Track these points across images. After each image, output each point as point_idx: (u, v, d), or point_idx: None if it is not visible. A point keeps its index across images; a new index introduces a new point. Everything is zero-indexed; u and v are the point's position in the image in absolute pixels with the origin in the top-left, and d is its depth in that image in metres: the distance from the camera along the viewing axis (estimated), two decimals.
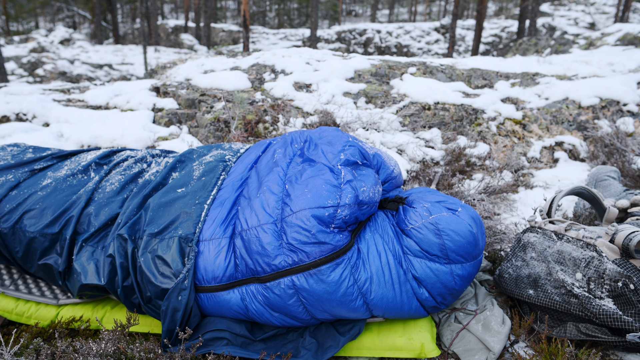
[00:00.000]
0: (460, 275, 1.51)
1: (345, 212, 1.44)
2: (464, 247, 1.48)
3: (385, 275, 1.46)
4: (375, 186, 1.57)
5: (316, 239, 1.40)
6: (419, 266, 1.49)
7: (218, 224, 1.60)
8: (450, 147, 3.56)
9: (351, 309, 1.46)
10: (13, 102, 3.87)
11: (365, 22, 32.40)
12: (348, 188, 1.47)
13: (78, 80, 14.53)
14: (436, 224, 1.49)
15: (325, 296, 1.42)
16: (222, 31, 26.17)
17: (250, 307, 1.51)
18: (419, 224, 1.51)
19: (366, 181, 1.55)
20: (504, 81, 4.84)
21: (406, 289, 1.48)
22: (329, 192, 1.45)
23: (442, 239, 1.47)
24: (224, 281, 1.52)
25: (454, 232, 1.47)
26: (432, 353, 1.50)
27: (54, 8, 32.96)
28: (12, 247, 1.70)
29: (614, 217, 1.90)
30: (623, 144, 3.49)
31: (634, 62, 5.51)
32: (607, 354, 1.49)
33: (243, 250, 1.50)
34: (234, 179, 1.79)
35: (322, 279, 1.41)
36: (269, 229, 1.47)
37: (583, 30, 18.03)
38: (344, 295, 1.42)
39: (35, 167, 1.94)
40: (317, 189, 1.47)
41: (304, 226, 1.42)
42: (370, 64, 5.23)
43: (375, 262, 1.46)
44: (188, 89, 4.50)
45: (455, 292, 1.54)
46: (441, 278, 1.49)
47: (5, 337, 1.66)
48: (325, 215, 1.42)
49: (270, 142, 1.97)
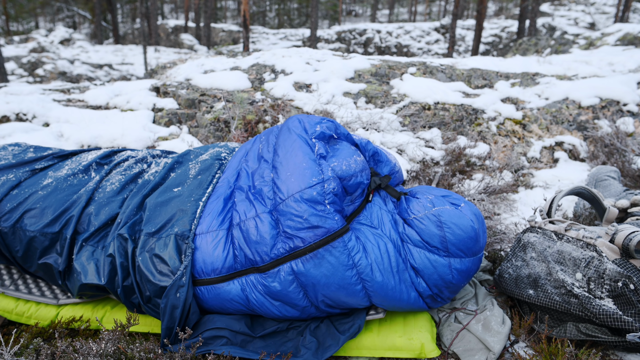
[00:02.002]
0: (458, 270, 1.51)
1: (333, 185, 1.47)
2: (464, 241, 1.49)
3: (385, 263, 1.47)
4: (351, 157, 1.59)
5: (309, 224, 1.42)
6: (417, 256, 1.51)
7: (214, 216, 1.62)
8: (450, 147, 3.56)
9: (350, 293, 1.47)
10: (13, 102, 3.87)
11: (365, 22, 32.39)
12: (323, 162, 1.51)
13: (78, 80, 14.53)
14: (438, 216, 1.51)
15: (324, 280, 1.44)
16: (222, 31, 26.17)
17: (251, 297, 1.52)
18: (422, 215, 1.53)
19: (338, 155, 1.58)
20: (504, 81, 4.84)
21: (404, 277, 1.50)
22: (311, 170, 1.48)
23: (444, 231, 1.49)
24: (224, 272, 1.53)
25: (455, 226, 1.49)
26: (432, 353, 1.50)
27: (54, 8, 32.95)
28: (13, 246, 1.70)
29: (614, 217, 1.90)
30: (623, 144, 3.49)
31: (634, 62, 5.52)
32: (607, 354, 1.49)
33: (242, 241, 1.52)
34: (229, 174, 1.82)
35: (319, 262, 1.43)
36: (266, 218, 1.50)
37: (583, 30, 18.03)
38: (343, 278, 1.44)
39: (36, 166, 1.94)
40: (299, 169, 1.49)
41: (295, 212, 1.44)
42: (370, 64, 5.23)
43: (374, 251, 1.47)
44: (188, 89, 4.50)
45: (453, 286, 1.54)
46: (439, 270, 1.50)
47: (5, 337, 1.66)
48: (314, 194, 1.44)
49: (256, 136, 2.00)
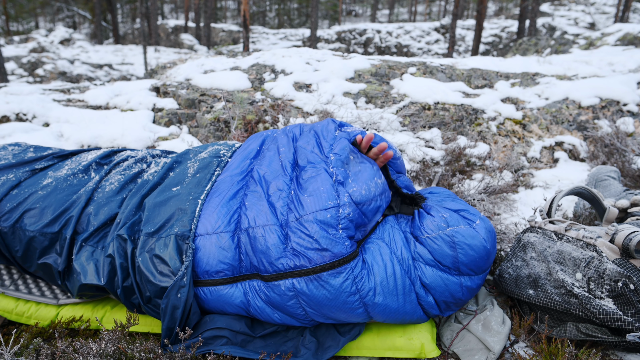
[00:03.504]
0: (468, 287, 1.52)
1: (348, 210, 1.43)
2: (475, 261, 1.48)
3: (390, 286, 1.44)
4: (371, 181, 1.54)
5: (319, 245, 1.39)
6: (430, 274, 1.49)
7: (220, 217, 1.58)
8: (450, 147, 3.56)
9: (351, 316, 1.46)
10: (13, 102, 3.87)
11: (365, 22, 32.38)
12: (341, 189, 1.47)
13: (78, 80, 14.53)
14: (452, 237, 1.48)
15: (325, 302, 1.42)
16: (222, 31, 26.17)
17: (253, 303, 1.51)
18: (435, 235, 1.50)
19: (359, 178, 1.53)
20: (504, 81, 4.84)
21: (410, 299, 1.48)
22: (327, 193, 1.45)
23: (457, 251, 1.47)
24: (229, 275, 1.52)
25: (468, 247, 1.47)
26: (432, 353, 1.50)
27: (54, 8, 32.95)
28: (12, 246, 1.70)
29: (614, 217, 1.90)
30: (623, 144, 3.49)
31: (634, 62, 5.52)
32: (607, 354, 1.49)
33: (249, 247, 1.49)
34: (233, 172, 1.77)
35: (322, 285, 1.40)
36: (275, 230, 1.47)
37: (583, 30, 18.03)
38: (344, 303, 1.42)
39: (36, 166, 1.94)
40: (317, 192, 1.47)
41: (306, 232, 1.41)
42: (370, 64, 5.23)
43: (380, 273, 1.45)
44: (188, 89, 4.50)
45: (461, 302, 1.55)
46: (450, 288, 1.49)
47: (5, 337, 1.66)
48: (328, 217, 1.41)
49: (266, 135, 1.93)
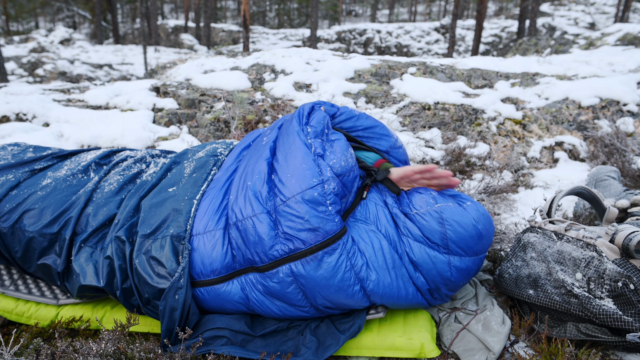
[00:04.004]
0: (458, 268, 1.50)
1: (333, 185, 1.46)
2: (464, 239, 1.48)
3: (379, 260, 1.46)
4: (347, 151, 1.57)
5: (310, 225, 1.41)
6: (417, 250, 1.49)
7: (210, 215, 1.59)
8: (450, 147, 3.56)
9: (349, 295, 1.46)
10: (13, 102, 3.88)
11: (365, 22, 32.38)
12: (321, 162, 1.50)
13: (78, 80, 14.53)
14: (441, 213, 1.49)
15: (323, 282, 1.42)
16: (222, 31, 26.17)
17: (251, 297, 1.51)
18: (424, 211, 1.52)
19: (335, 150, 1.55)
20: (504, 81, 4.84)
21: (401, 273, 1.48)
22: (311, 170, 1.46)
23: (445, 227, 1.47)
24: (223, 272, 1.52)
25: (457, 223, 1.47)
26: (432, 353, 1.50)
27: (54, 8, 32.95)
28: (12, 247, 1.70)
29: (614, 217, 1.90)
30: (623, 144, 3.49)
31: (634, 62, 5.52)
32: (607, 354, 1.48)
33: (240, 241, 1.50)
34: (225, 170, 1.78)
35: (319, 264, 1.42)
36: (264, 219, 1.47)
37: (583, 30, 18.03)
38: (341, 280, 1.43)
39: (36, 166, 1.93)
40: (299, 170, 1.47)
41: (296, 213, 1.42)
42: (370, 64, 5.23)
43: (367, 249, 1.47)
44: (188, 89, 4.50)
45: (451, 284, 1.53)
46: (438, 266, 1.49)
47: (5, 337, 1.66)
48: (316, 195, 1.43)
49: (262, 131, 1.95)
